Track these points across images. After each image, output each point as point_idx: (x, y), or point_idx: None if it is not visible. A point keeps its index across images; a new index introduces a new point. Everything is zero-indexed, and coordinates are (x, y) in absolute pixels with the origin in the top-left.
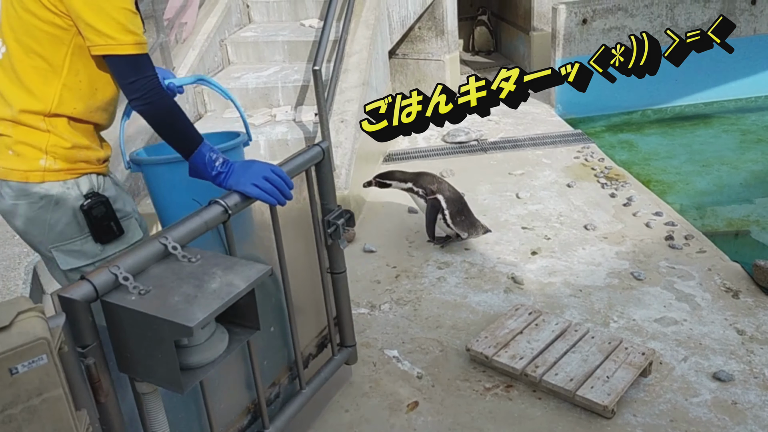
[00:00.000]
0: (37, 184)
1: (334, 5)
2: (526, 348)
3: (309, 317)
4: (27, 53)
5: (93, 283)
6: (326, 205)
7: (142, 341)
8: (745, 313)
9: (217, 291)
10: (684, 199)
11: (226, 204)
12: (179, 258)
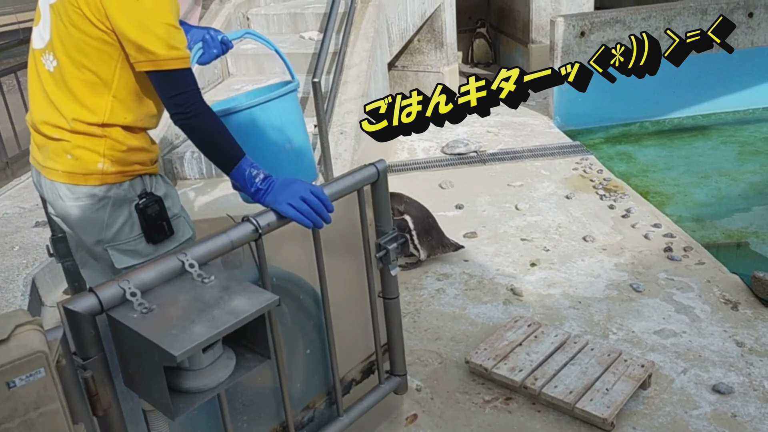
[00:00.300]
0: (96, 187)
1: (333, 18)
2: (526, 360)
3: (354, 342)
4: (77, 67)
5: (99, 297)
6: (380, 228)
7: (139, 360)
8: (744, 325)
9: (215, 319)
10: (683, 210)
11: (257, 222)
12: (194, 277)
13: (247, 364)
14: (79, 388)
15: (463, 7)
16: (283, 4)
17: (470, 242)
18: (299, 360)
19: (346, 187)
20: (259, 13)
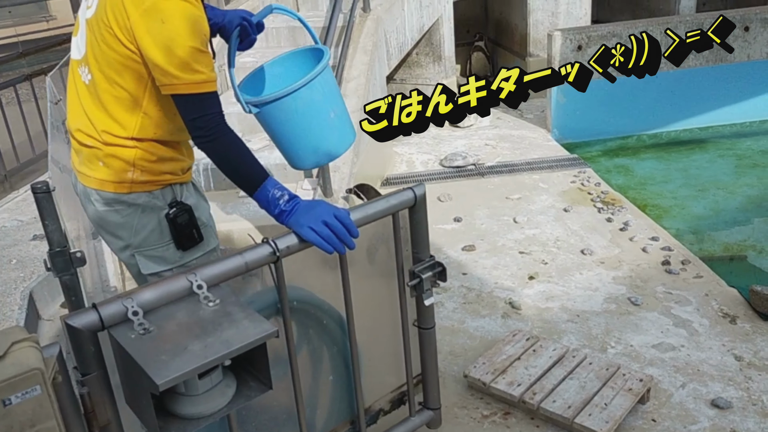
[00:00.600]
0: (125, 194)
1: (332, 32)
2: (524, 374)
3: (384, 370)
4: (110, 83)
5: (100, 313)
6: (416, 254)
7: (133, 381)
8: (743, 338)
9: (207, 348)
10: (680, 223)
11: (275, 245)
12: (200, 299)
13: (249, 392)
14: (75, 405)
15: (461, 21)
16: (282, 17)
17: (469, 255)
18: (321, 386)
19: (379, 211)
20: None
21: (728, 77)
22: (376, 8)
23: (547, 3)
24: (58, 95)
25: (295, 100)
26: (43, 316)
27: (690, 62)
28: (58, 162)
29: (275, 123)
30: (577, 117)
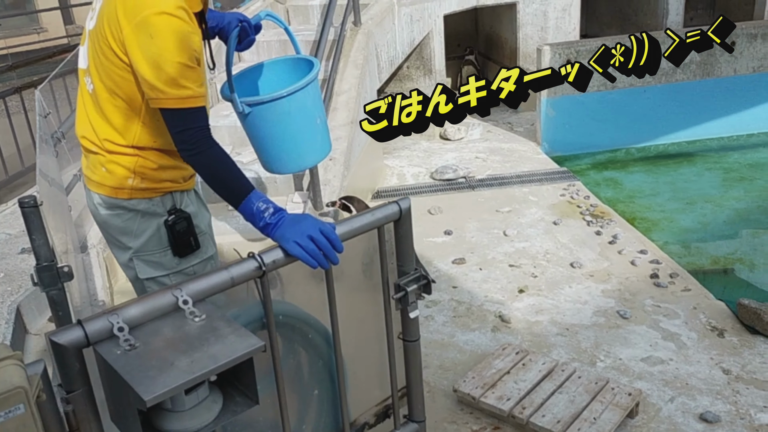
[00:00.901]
0: (125, 200)
1: (323, 45)
2: (513, 389)
3: (369, 384)
4: (110, 93)
5: (85, 330)
6: (401, 268)
7: (119, 398)
8: (731, 352)
9: (194, 363)
10: (668, 236)
11: (261, 260)
12: (186, 314)
13: (235, 407)
14: (59, 423)
15: (451, 35)
16: (273, 30)
17: (459, 268)
18: (306, 400)
19: (365, 224)
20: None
21: (715, 91)
22: (367, 22)
23: (536, 17)
24: (47, 108)
25: (290, 102)
26: (30, 331)
27: (677, 76)
28: (47, 175)
29: (265, 124)
30: (567, 130)
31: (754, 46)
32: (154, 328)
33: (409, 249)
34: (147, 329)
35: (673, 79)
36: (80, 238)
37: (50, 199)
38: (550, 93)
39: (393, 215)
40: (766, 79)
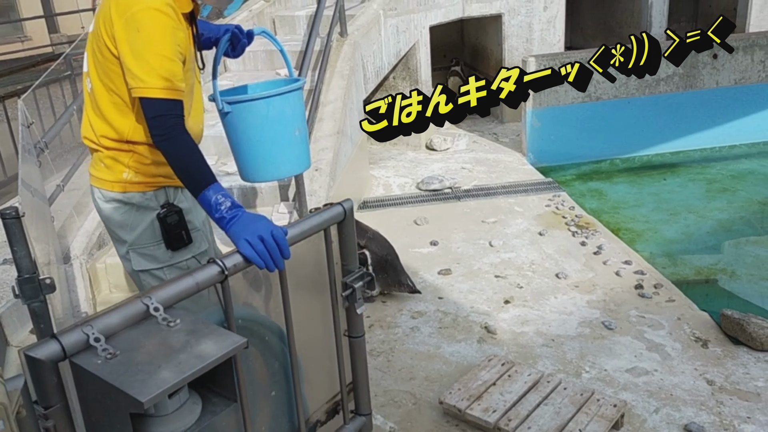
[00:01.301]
0: (121, 193)
1: (309, 56)
2: (499, 400)
3: (320, 382)
4: (107, 90)
5: (61, 343)
6: (346, 266)
7: (104, 408)
8: (714, 363)
9: (181, 364)
10: (653, 247)
11: (223, 264)
12: (159, 321)
13: (213, 408)
14: None
15: (437, 46)
16: (259, 41)
17: (445, 279)
18: (264, 402)
19: (313, 226)
20: None
21: (698, 103)
22: (353, 33)
23: (521, 29)
24: (31, 118)
25: (268, 105)
26: (11, 343)
27: (661, 88)
28: (29, 185)
29: (242, 125)
30: (552, 141)
31: (736, 58)
32: (129, 336)
33: (353, 248)
34: (123, 338)
35: (657, 90)
36: (63, 249)
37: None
38: (535, 104)
39: (338, 216)
40: (748, 91)
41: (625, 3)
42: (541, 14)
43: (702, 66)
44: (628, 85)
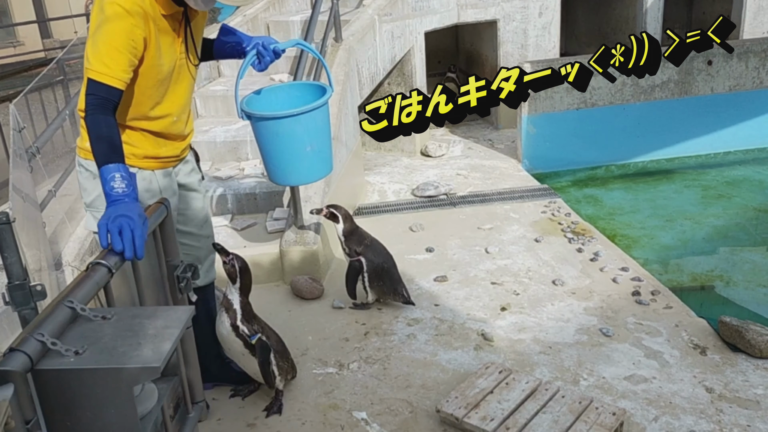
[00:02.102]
0: (82, 158)
1: (303, 62)
2: (497, 409)
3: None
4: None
5: (26, 353)
6: (171, 262)
7: (90, 403)
8: (713, 370)
9: (159, 334)
10: (649, 253)
11: (108, 264)
12: (92, 318)
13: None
14: None
15: (432, 52)
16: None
17: (441, 286)
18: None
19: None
20: None
21: (693, 110)
22: (348, 38)
23: (516, 35)
24: (23, 123)
25: (277, 125)
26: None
27: (656, 94)
28: (20, 191)
29: (260, 136)
30: (547, 147)
31: (731, 65)
32: (76, 335)
33: (175, 244)
34: (71, 338)
35: (652, 97)
36: (54, 256)
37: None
38: (531, 110)
39: (162, 212)
40: (743, 97)
41: (620, 9)
42: (536, 20)
43: (697, 72)
44: (623, 91)
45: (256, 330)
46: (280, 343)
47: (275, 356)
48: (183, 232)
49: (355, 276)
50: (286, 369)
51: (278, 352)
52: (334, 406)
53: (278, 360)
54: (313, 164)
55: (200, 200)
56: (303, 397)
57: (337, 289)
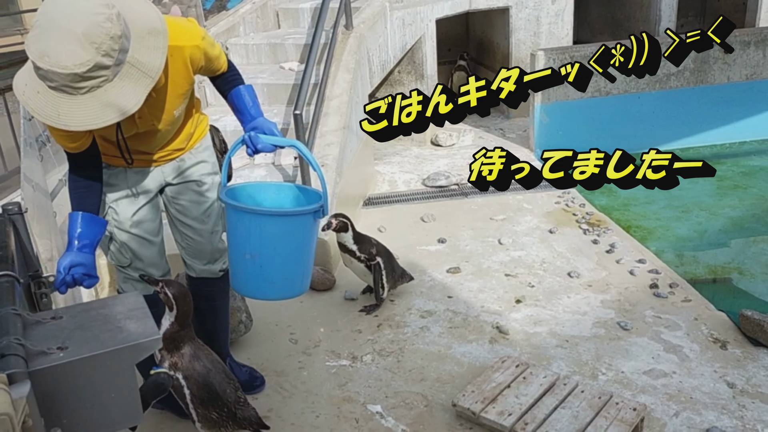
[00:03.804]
0: None
1: (315, 49)
2: (515, 403)
3: None
4: None
5: (19, 355)
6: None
7: (88, 394)
8: (734, 365)
9: (131, 316)
10: (665, 245)
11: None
12: (41, 321)
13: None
14: None
15: (442, 39)
16: (263, 34)
17: (454, 278)
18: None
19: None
20: (238, 43)
21: (709, 99)
22: (359, 26)
23: (529, 22)
24: None
25: (229, 214)
26: None
27: (671, 83)
28: (31, 180)
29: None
30: (560, 137)
31: (747, 53)
32: (41, 335)
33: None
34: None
35: (667, 86)
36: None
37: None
38: (544, 99)
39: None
40: (759, 86)
41: None
42: (549, 7)
43: (713, 61)
44: (638, 80)
45: (164, 361)
46: (202, 388)
47: (192, 400)
48: (183, 223)
49: (381, 276)
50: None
51: (196, 396)
52: (348, 399)
53: (196, 405)
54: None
55: (201, 194)
56: (317, 390)
57: (348, 280)
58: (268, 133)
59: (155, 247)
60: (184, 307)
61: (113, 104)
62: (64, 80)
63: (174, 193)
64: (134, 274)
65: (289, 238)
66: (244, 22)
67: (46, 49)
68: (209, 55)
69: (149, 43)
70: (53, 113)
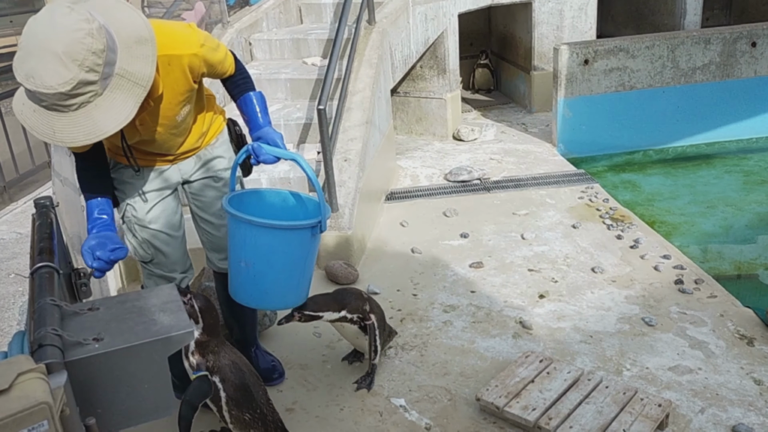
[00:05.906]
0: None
1: (338, 44)
2: (539, 398)
3: None
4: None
5: (56, 345)
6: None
7: (122, 385)
8: (761, 361)
9: (165, 309)
10: (690, 240)
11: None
12: (78, 312)
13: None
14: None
15: (464, 34)
16: (286, 29)
17: (477, 272)
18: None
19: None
20: (261, 38)
21: (735, 93)
22: (382, 21)
23: (552, 16)
24: None
25: (229, 220)
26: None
27: (697, 77)
28: (60, 174)
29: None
30: (583, 131)
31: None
32: (77, 326)
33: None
34: (75, 329)
35: (693, 80)
36: None
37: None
38: (567, 93)
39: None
40: None
41: None
42: (572, 0)
43: (740, 54)
44: (663, 74)
45: (201, 366)
46: (238, 390)
47: (228, 402)
48: (202, 218)
49: (374, 338)
50: (240, 413)
51: (232, 398)
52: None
53: (230, 408)
54: (245, 285)
55: (218, 190)
56: (341, 383)
57: (372, 274)
58: (272, 144)
59: (176, 241)
60: (210, 320)
61: (106, 117)
62: (51, 99)
63: (193, 189)
64: (157, 270)
65: (283, 251)
66: (267, 17)
67: (30, 70)
68: (210, 62)
69: (137, 52)
70: (48, 131)
